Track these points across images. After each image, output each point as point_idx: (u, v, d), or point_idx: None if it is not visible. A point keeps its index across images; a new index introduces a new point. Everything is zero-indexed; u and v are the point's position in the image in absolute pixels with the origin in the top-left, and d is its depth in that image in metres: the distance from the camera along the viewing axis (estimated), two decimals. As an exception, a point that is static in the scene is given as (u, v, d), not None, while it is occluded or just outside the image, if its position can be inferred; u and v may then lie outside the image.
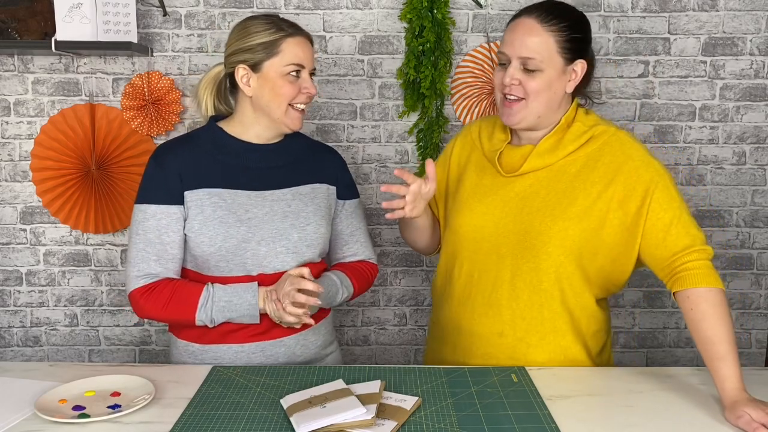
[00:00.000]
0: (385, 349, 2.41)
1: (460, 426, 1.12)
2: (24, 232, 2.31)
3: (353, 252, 1.61)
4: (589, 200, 1.36)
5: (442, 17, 2.16)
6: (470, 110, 2.26)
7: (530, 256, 1.37)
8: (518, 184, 1.42)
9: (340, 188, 1.58)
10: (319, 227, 1.50)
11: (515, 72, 1.35)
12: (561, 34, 1.33)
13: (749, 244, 2.35)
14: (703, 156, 2.31)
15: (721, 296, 1.26)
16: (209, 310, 1.40)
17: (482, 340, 1.44)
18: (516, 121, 1.39)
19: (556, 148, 1.40)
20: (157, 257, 1.42)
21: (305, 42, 1.45)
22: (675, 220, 1.32)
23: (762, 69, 2.26)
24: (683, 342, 2.41)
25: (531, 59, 1.33)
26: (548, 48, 1.33)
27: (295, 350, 1.50)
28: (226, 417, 1.15)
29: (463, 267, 1.47)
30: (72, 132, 2.24)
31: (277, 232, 1.45)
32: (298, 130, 1.49)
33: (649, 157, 1.37)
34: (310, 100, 1.48)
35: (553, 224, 1.35)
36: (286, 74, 1.42)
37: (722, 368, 1.21)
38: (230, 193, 1.44)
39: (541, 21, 1.33)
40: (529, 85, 1.34)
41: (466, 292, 1.47)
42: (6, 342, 2.37)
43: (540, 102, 1.36)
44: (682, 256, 1.30)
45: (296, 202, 1.49)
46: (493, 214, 1.42)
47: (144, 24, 2.21)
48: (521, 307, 1.40)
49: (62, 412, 1.16)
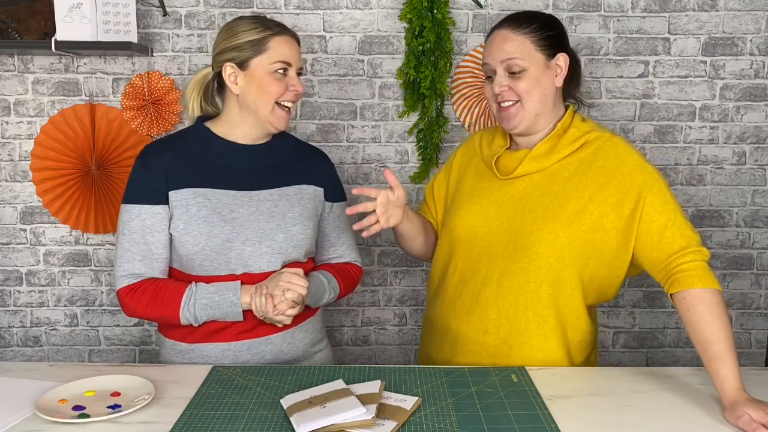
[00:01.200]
0: (384, 349, 2.41)
1: (460, 426, 1.12)
2: (24, 232, 2.31)
3: (339, 254, 1.62)
4: (581, 203, 1.37)
5: (442, 17, 2.16)
6: (470, 110, 2.26)
7: (520, 257, 1.39)
8: (513, 186, 1.44)
9: (328, 190, 1.59)
10: (305, 228, 1.50)
11: (502, 79, 1.40)
12: (534, 34, 1.39)
13: (749, 244, 2.35)
14: (703, 156, 2.31)
15: (717, 297, 1.26)
16: (192, 309, 1.41)
17: (467, 338, 1.46)
18: (516, 124, 1.41)
19: (551, 152, 1.42)
20: (142, 257, 1.43)
21: (292, 41, 1.46)
22: (669, 222, 1.33)
23: (762, 69, 2.26)
24: (683, 342, 2.41)
25: (512, 59, 1.38)
26: (525, 47, 1.38)
27: (282, 348, 1.51)
28: (226, 417, 1.15)
29: (457, 266, 1.49)
30: (72, 132, 2.24)
31: (263, 233, 1.45)
32: (283, 129, 1.50)
33: (642, 161, 1.39)
34: (297, 98, 1.49)
35: (544, 226, 1.37)
36: (273, 72, 1.43)
37: (721, 369, 1.21)
38: (215, 193, 1.44)
39: (512, 29, 1.40)
40: (518, 86, 1.39)
41: (457, 291, 1.48)
42: (6, 342, 2.37)
43: (534, 100, 1.39)
44: (678, 257, 1.31)
45: (283, 203, 1.49)
46: (488, 215, 1.44)
47: (144, 24, 2.21)
48: (506, 307, 1.41)
49: (62, 412, 1.16)
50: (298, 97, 1.49)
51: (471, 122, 2.27)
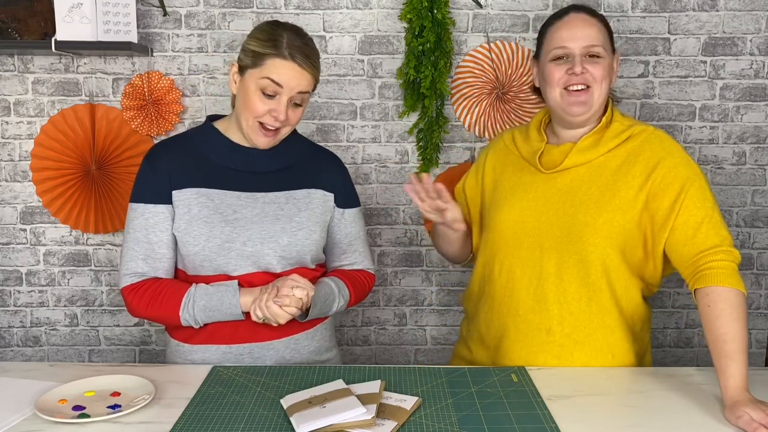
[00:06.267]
0: (385, 349, 2.41)
1: (460, 426, 1.12)
2: (24, 232, 2.31)
3: (351, 261, 1.59)
4: (631, 192, 1.38)
5: (442, 17, 2.16)
6: (470, 110, 2.26)
7: (576, 249, 1.38)
8: (559, 180, 1.44)
9: (339, 196, 1.56)
10: (312, 233, 1.48)
11: (583, 60, 1.41)
12: (604, 27, 1.44)
13: (749, 244, 2.35)
14: (703, 156, 2.31)
15: (741, 299, 1.26)
16: (192, 310, 1.40)
17: (528, 339, 1.43)
18: (585, 110, 1.42)
19: (597, 145, 1.43)
20: (145, 256, 1.43)
21: (294, 68, 1.37)
22: (707, 219, 1.33)
23: (762, 69, 2.26)
24: (683, 342, 2.41)
25: (595, 46, 1.40)
26: (603, 37, 1.43)
27: (285, 354, 1.49)
28: (226, 417, 1.15)
29: (503, 265, 1.47)
30: (72, 132, 2.24)
31: (267, 234, 1.43)
32: (264, 148, 1.45)
33: (687, 156, 1.41)
34: (281, 125, 1.41)
35: (599, 216, 1.37)
36: (260, 89, 1.37)
37: (730, 366, 1.21)
38: (218, 194, 1.44)
39: (590, 15, 1.44)
40: (594, 71, 1.40)
41: (508, 290, 1.46)
42: (6, 342, 2.37)
43: (603, 89, 1.42)
44: (709, 254, 1.31)
45: (289, 206, 1.47)
46: (535, 209, 1.44)
47: (144, 24, 2.21)
48: (569, 301, 1.40)
49: (62, 412, 1.16)
50: (282, 124, 1.41)
51: (471, 122, 2.27)
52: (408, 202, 2.32)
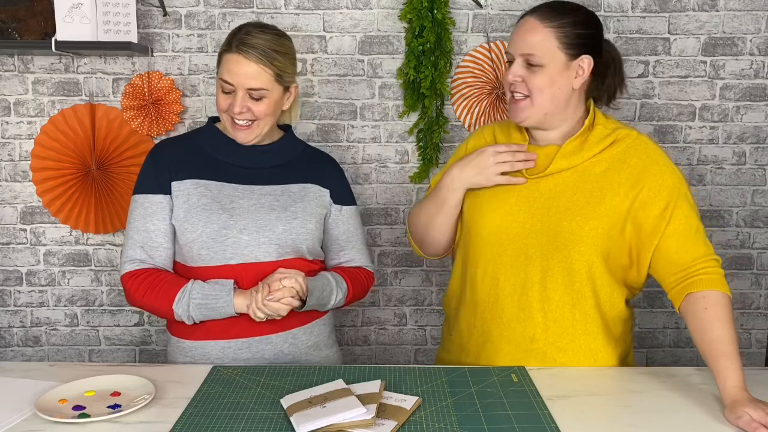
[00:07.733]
0: (385, 349, 2.41)
1: (460, 426, 1.12)
2: (24, 232, 2.31)
3: (349, 258, 1.61)
4: (616, 199, 1.36)
5: (442, 17, 2.16)
6: (470, 110, 2.26)
7: (561, 257, 1.37)
8: (543, 184, 1.41)
9: (335, 193, 1.58)
10: (307, 223, 1.50)
11: (518, 69, 1.37)
12: (561, 30, 1.35)
13: (749, 244, 2.35)
14: (703, 156, 2.31)
15: (730, 304, 1.29)
16: (186, 306, 1.42)
17: (512, 346, 1.42)
18: (523, 118, 1.40)
19: (581, 150, 1.40)
20: (142, 244, 1.47)
21: (240, 59, 1.39)
22: (699, 228, 1.35)
23: (762, 69, 2.26)
24: (683, 342, 2.41)
25: (531, 55, 1.35)
26: (548, 44, 1.34)
27: (283, 348, 1.51)
28: (226, 417, 1.15)
29: (486, 271, 1.44)
30: (72, 132, 2.24)
31: (262, 223, 1.46)
32: (245, 143, 1.48)
33: (672, 163, 1.40)
34: (247, 119, 1.44)
35: (585, 223, 1.36)
36: (221, 87, 1.44)
37: (727, 366, 1.21)
38: (216, 185, 1.48)
39: (540, 19, 1.36)
40: (531, 81, 1.36)
41: (492, 297, 1.44)
42: (6, 342, 2.37)
43: (544, 98, 1.36)
44: (702, 261, 1.32)
45: (285, 198, 1.51)
46: (518, 214, 1.41)
47: (144, 24, 2.21)
48: (553, 309, 1.39)
49: (62, 412, 1.16)
50: (252, 118, 1.44)
51: (471, 122, 2.27)
52: (408, 202, 2.32)
